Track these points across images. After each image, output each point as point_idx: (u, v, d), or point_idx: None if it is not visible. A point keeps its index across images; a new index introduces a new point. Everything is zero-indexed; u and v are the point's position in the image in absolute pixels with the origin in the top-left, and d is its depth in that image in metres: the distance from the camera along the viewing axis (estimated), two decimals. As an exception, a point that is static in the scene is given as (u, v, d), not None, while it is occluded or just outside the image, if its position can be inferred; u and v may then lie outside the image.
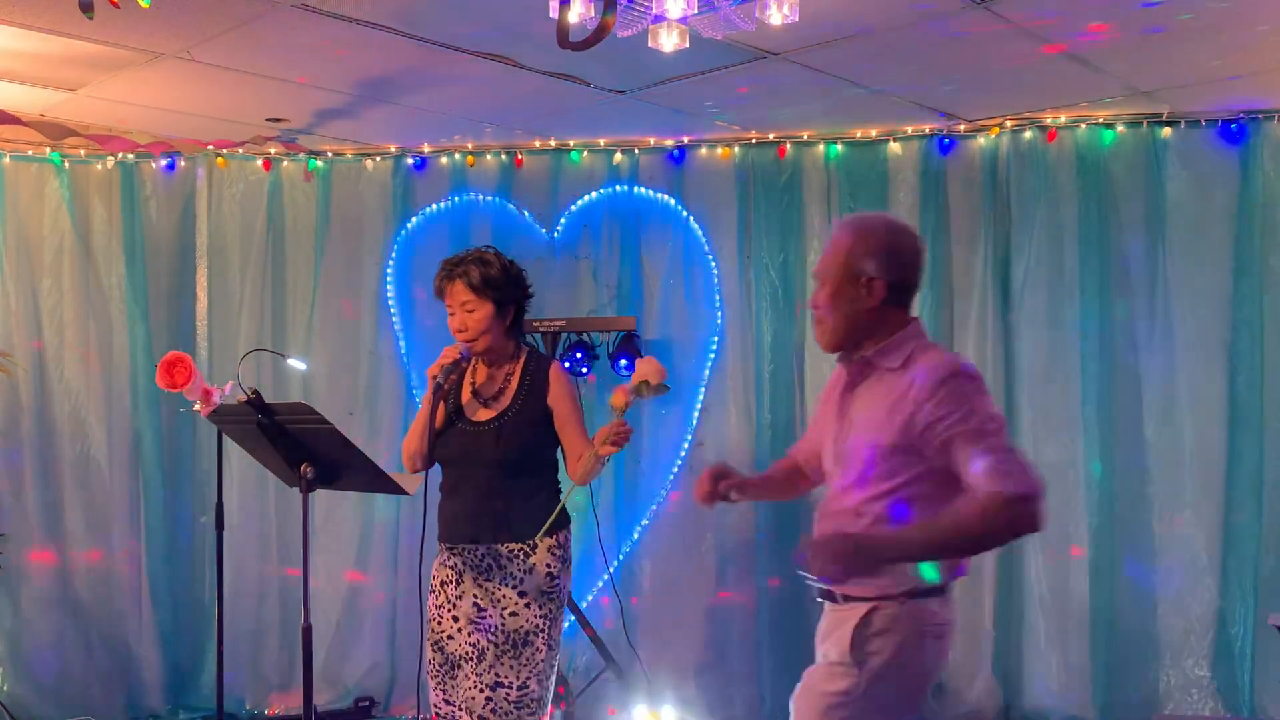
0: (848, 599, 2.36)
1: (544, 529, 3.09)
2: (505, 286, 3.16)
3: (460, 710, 3.14)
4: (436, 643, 3.21)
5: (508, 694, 3.05)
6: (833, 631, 2.39)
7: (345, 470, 3.02)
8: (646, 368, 2.96)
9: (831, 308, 2.44)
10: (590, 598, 5.05)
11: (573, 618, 4.88)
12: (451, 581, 3.19)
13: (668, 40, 3.01)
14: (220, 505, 4.29)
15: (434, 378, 3.10)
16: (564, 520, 3.19)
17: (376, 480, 3.05)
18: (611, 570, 5.01)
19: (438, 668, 3.21)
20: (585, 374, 4.93)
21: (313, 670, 3.04)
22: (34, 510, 4.97)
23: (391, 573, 5.13)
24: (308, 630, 2.99)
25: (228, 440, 3.78)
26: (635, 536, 5.08)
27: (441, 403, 3.21)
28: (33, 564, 4.95)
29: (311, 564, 3.04)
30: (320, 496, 3.30)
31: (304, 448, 2.97)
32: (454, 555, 3.20)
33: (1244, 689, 4.46)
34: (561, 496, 3.18)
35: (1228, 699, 4.49)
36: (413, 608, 5.04)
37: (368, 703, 5.03)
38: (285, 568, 5.14)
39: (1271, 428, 4.46)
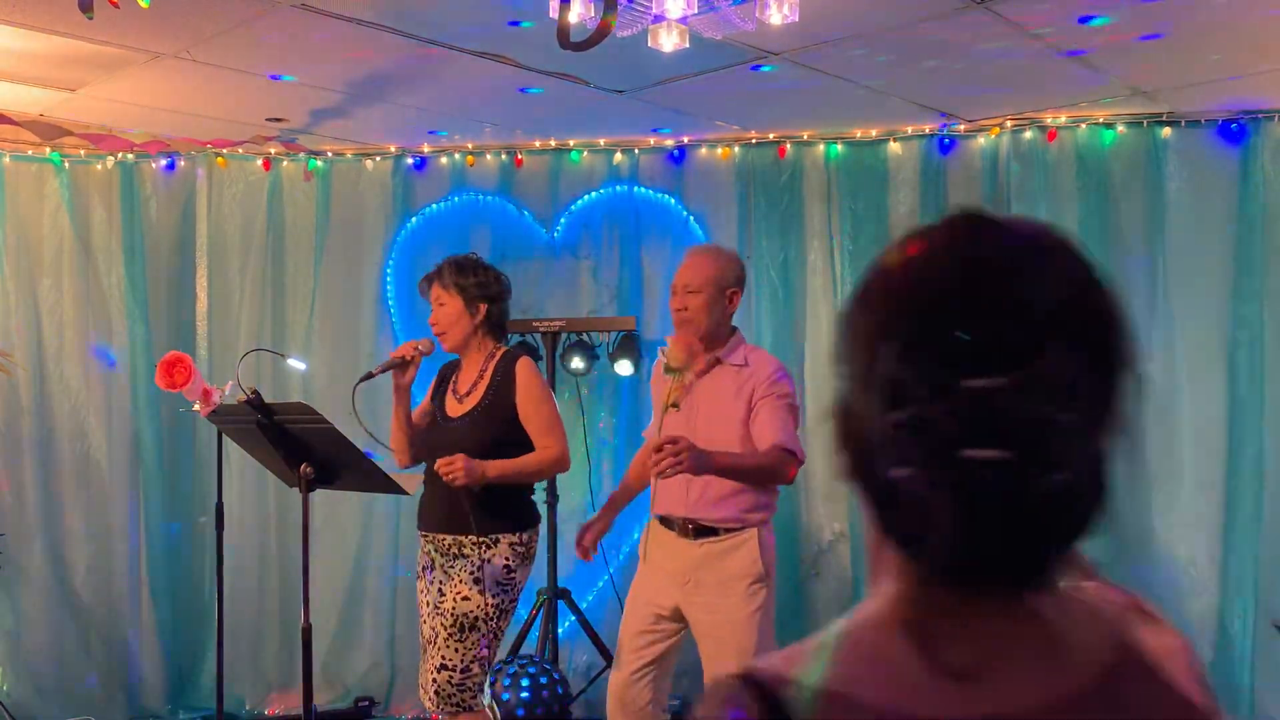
0: (728, 530, 3.16)
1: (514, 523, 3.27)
2: (473, 285, 3.37)
3: (422, 691, 3.32)
4: (420, 629, 3.40)
5: (451, 676, 3.20)
6: (714, 561, 3.16)
7: (345, 470, 3.04)
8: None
9: (704, 311, 3.19)
10: (590, 598, 5.05)
11: (573, 617, 4.88)
12: (428, 567, 3.36)
13: (668, 40, 3.00)
14: (220, 505, 4.28)
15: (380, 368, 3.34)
16: (533, 518, 3.34)
17: (376, 480, 3.06)
18: (612, 570, 5.01)
19: (423, 651, 3.36)
20: (584, 373, 4.94)
21: (313, 670, 3.05)
22: (34, 510, 4.97)
23: (391, 572, 5.13)
24: (308, 630, 3.00)
25: (228, 440, 3.78)
26: (635, 536, 5.08)
27: (425, 397, 3.45)
28: (33, 564, 4.95)
29: (311, 564, 3.04)
30: (320, 496, 3.31)
31: (304, 448, 2.98)
32: (428, 542, 3.37)
33: (1244, 689, 4.46)
34: (529, 494, 3.37)
35: (1228, 699, 4.48)
36: (413, 607, 5.06)
37: (368, 703, 5.03)
38: (285, 568, 5.14)
39: (1271, 427, 4.46)
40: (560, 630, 4.95)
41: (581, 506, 5.03)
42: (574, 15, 2.71)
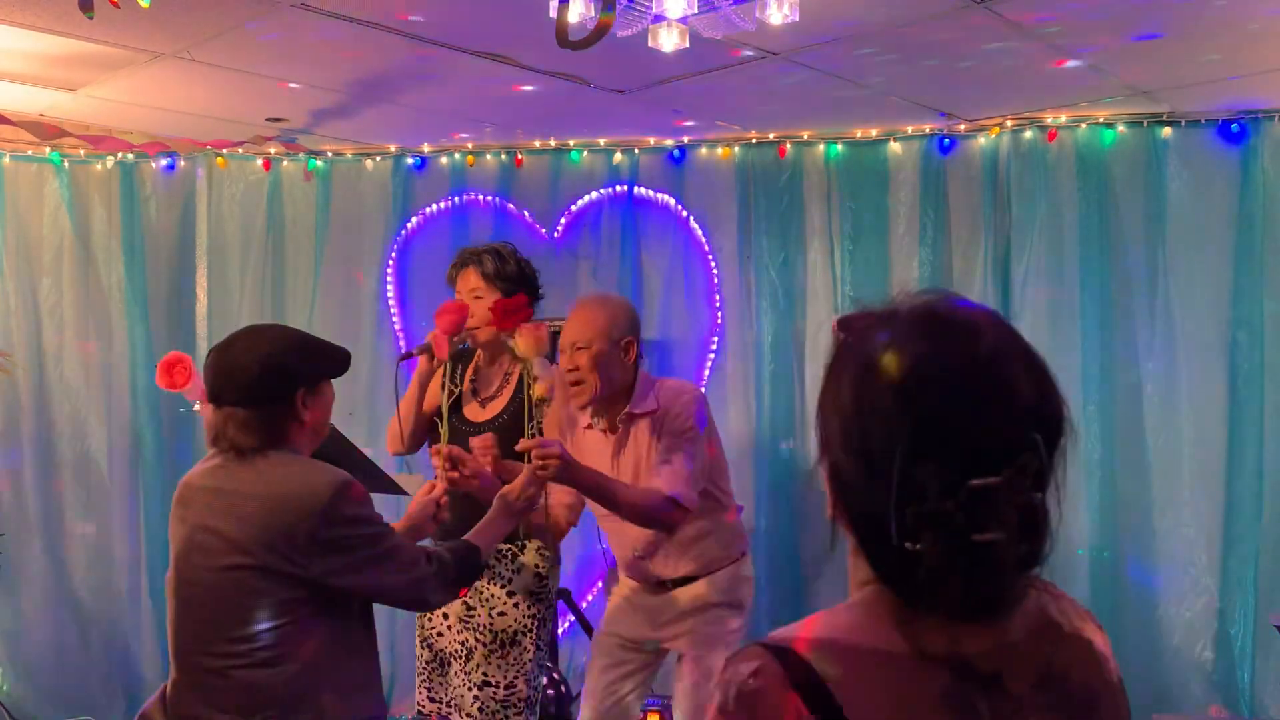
0: (676, 583, 3.08)
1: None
2: (516, 281, 3.19)
3: (448, 708, 3.17)
4: (425, 639, 3.24)
5: (494, 693, 3.07)
6: (689, 595, 3.08)
7: (345, 470, 3.02)
8: (526, 340, 2.81)
9: (593, 369, 2.89)
10: (590, 598, 5.05)
11: (572, 617, 4.87)
12: None
13: (668, 40, 3.00)
14: (220, 505, 4.28)
15: (417, 349, 3.14)
16: None
17: (376, 480, 3.06)
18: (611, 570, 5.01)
19: (425, 665, 3.24)
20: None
21: (312, 670, 3.03)
22: (34, 510, 4.97)
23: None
24: (308, 630, 2.99)
25: (228, 440, 3.77)
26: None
27: (431, 385, 3.23)
28: (33, 564, 4.95)
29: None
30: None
31: (303, 448, 2.97)
32: None
33: (1244, 689, 4.46)
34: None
35: (1228, 699, 4.48)
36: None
37: (368, 703, 5.02)
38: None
39: (1271, 427, 4.46)
40: (560, 630, 4.95)
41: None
42: (573, 14, 2.71)
